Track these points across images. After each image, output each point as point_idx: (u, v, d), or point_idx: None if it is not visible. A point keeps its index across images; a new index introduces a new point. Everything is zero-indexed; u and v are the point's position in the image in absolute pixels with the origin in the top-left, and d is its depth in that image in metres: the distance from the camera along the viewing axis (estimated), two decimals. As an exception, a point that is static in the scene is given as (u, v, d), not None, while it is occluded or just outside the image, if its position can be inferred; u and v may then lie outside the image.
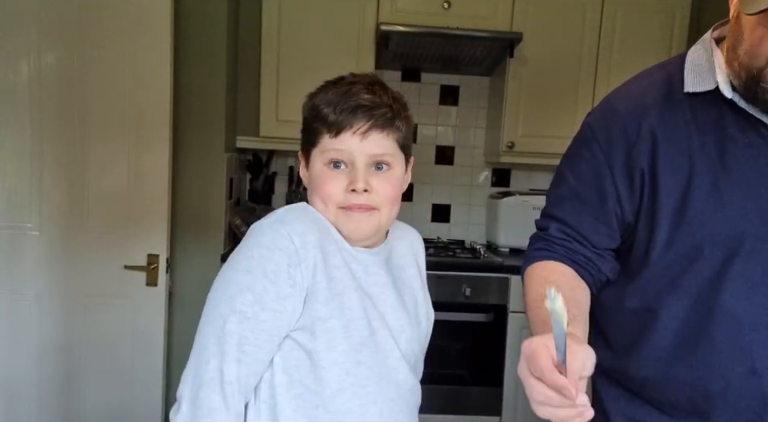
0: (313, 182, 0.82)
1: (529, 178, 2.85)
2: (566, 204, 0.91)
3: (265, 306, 0.73)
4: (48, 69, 1.87)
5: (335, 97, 0.80)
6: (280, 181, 2.74)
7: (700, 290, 0.81)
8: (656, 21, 2.46)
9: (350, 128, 0.78)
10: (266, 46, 2.38)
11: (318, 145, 0.81)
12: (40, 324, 1.95)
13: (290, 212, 0.80)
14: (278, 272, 0.73)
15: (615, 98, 0.91)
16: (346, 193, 0.79)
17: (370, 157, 0.80)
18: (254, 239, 0.76)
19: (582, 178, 0.89)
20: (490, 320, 2.29)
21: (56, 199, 1.91)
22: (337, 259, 0.79)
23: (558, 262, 0.89)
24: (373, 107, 0.79)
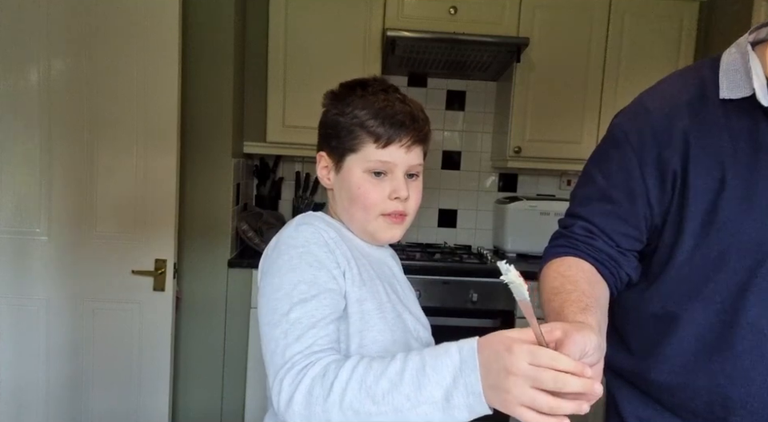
0: (350, 189, 0.85)
1: (536, 183, 2.84)
2: (594, 204, 0.89)
3: (320, 284, 0.75)
4: (57, 76, 1.89)
5: (379, 108, 0.83)
6: (287, 187, 2.75)
7: (723, 298, 0.80)
8: (663, 26, 2.45)
9: (398, 141, 0.82)
10: (273, 52, 2.39)
11: (360, 152, 0.83)
12: (48, 329, 1.96)
13: (305, 217, 0.84)
14: (320, 260, 0.77)
15: (647, 99, 0.89)
16: (388, 200, 0.84)
17: (409, 168, 0.85)
18: (287, 243, 0.79)
19: (611, 179, 0.88)
20: (497, 327, 2.27)
21: (64, 204, 1.93)
22: (355, 252, 0.84)
23: (578, 258, 0.88)
24: (414, 120, 0.84)
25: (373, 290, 0.82)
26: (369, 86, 0.86)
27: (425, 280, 2.22)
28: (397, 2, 2.39)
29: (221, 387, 2.28)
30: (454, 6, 2.40)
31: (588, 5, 2.43)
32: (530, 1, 2.41)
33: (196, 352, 2.26)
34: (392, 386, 0.63)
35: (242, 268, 2.26)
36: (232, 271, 2.26)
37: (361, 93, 0.85)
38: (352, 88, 0.86)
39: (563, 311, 0.74)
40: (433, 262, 2.35)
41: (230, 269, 2.26)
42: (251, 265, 2.26)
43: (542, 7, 2.42)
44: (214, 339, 2.25)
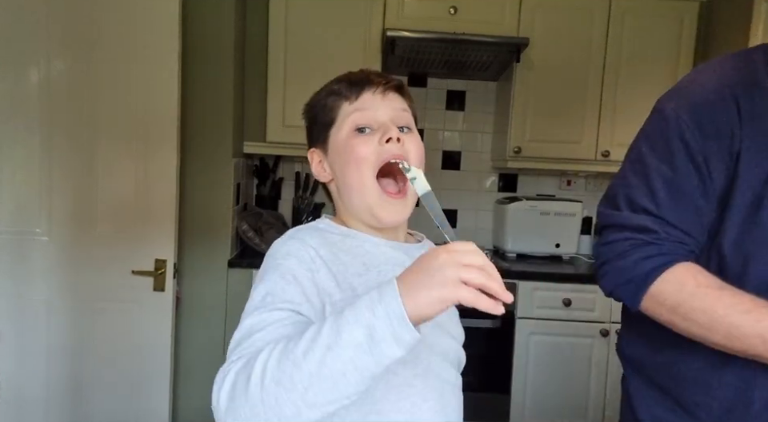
0: (341, 155, 0.79)
1: (536, 183, 2.84)
2: (660, 194, 0.82)
3: (285, 299, 0.70)
4: (57, 77, 1.89)
5: (342, 77, 0.83)
6: (287, 187, 2.75)
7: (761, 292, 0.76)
8: (664, 25, 2.45)
9: (369, 89, 0.80)
10: (273, 52, 2.39)
11: (338, 118, 0.81)
12: (48, 329, 1.96)
13: (300, 231, 0.80)
14: (295, 275, 0.72)
15: (698, 79, 0.85)
16: (380, 146, 0.76)
17: (393, 112, 0.80)
18: (271, 255, 0.77)
19: (674, 164, 0.81)
20: (497, 327, 2.28)
21: (65, 205, 1.93)
22: (357, 267, 0.77)
23: (686, 263, 0.80)
24: (382, 76, 0.82)
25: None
26: (342, 76, 0.86)
27: (425, 281, 2.22)
28: (397, 2, 2.39)
29: (221, 387, 2.27)
30: (454, 6, 2.40)
31: (588, 6, 2.43)
32: (530, 2, 2.41)
33: (196, 352, 2.26)
34: (311, 342, 0.57)
35: (242, 268, 2.26)
36: (232, 271, 2.26)
37: (334, 80, 0.85)
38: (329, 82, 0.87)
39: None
40: (433, 262, 2.34)
41: (230, 269, 2.26)
42: (251, 265, 2.26)
43: (542, 7, 2.42)
44: (214, 339, 2.25)
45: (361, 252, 0.79)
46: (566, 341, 2.30)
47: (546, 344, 2.31)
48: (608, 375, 2.32)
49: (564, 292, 2.29)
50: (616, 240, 0.85)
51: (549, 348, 2.31)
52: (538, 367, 2.31)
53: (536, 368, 2.31)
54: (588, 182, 2.84)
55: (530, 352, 2.31)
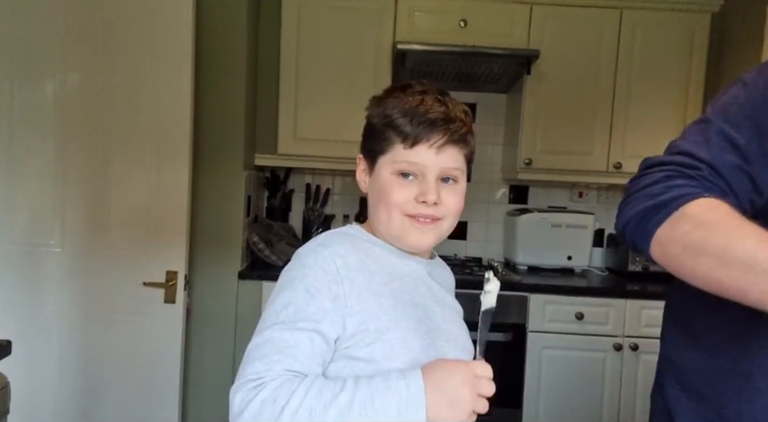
0: (378, 190, 0.81)
1: (547, 195, 2.82)
2: (718, 150, 0.76)
3: (306, 316, 0.73)
4: (72, 90, 1.92)
5: (409, 107, 0.79)
6: (297, 198, 2.76)
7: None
8: (675, 37, 2.44)
9: (426, 141, 0.78)
10: (285, 65, 2.41)
11: (389, 153, 0.80)
12: (60, 340, 1.97)
13: (331, 237, 0.81)
14: (318, 288, 0.74)
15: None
16: (415, 202, 0.79)
17: (441, 171, 0.80)
18: (299, 261, 0.78)
19: (741, 130, 0.76)
20: (508, 340, 2.26)
21: (78, 216, 1.95)
22: (382, 276, 0.79)
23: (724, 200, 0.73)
24: (448, 121, 0.79)
25: (398, 318, 0.77)
26: (409, 88, 0.82)
27: (435, 293, 2.20)
28: (407, 15, 2.41)
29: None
30: (464, 19, 2.41)
31: (598, 17, 2.43)
32: (540, 14, 2.42)
33: (206, 364, 2.25)
34: (340, 416, 0.66)
35: (253, 280, 2.26)
36: (242, 283, 2.26)
37: (398, 95, 0.81)
38: (392, 90, 0.84)
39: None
40: (443, 274, 2.33)
41: (241, 281, 2.26)
42: (261, 277, 2.26)
43: (552, 19, 2.42)
44: (224, 351, 2.25)
45: (387, 261, 0.82)
46: (578, 355, 2.27)
47: (559, 358, 2.27)
48: (621, 390, 2.28)
49: (576, 306, 2.27)
50: (654, 171, 0.78)
51: (561, 362, 2.27)
52: (550, 381, 2.28)
53: (548, 382, 2.28)
54: (600, 194, 2.81)
55: (542, 367, 2.27)
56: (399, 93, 0.82)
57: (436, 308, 0.85)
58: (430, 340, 0.80)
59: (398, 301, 0.79)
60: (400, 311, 0.78)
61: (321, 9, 2.39)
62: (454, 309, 0.92)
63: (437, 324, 0.83)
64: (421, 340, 0.78)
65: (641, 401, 2.25)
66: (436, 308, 0.85)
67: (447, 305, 0.89)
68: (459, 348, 0.86)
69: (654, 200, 0.74)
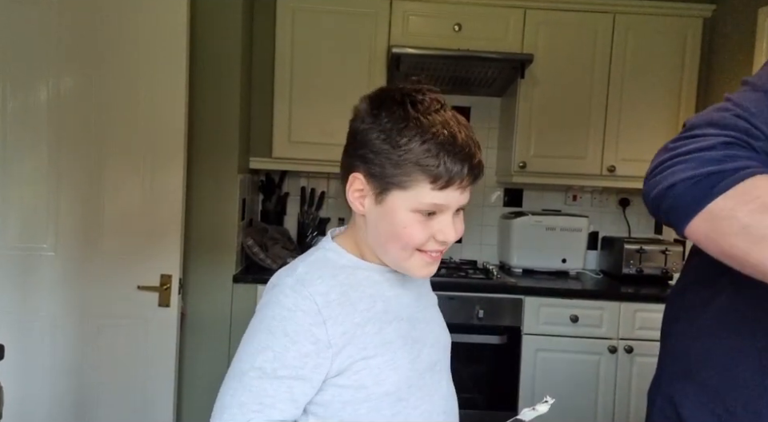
0: (390, 225, 0.75)
1: (541, 198, 2.83)
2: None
3: (285, 363, 0.72)
4: (65, 93, 1.91)
5: (440, 142, 0.70)
6: (292, 202, 2.75)
7: None
8: (667, 42, 2.46)
9: (458, 183, 0.72)
10: (280, 68, 2.42)
11: (411, 191, 0.72)
12: (53, 344, 1.96)
13: (311, 271, 0.77)
14: (298, 332, 0.72)
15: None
16: (432, 240, 0.75)
17: (460, 206, 0.77)
18: (276, 299, 0.75)
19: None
20: (503, 343, 2.26)
21: (71, 220, 1.94)
22: (365, 302, 0.77)
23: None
24: (472, 156, 0.73)
25: (384, 341, 0.77)
26: (419, 104, 0.73)
27: (430, 296, 2.21)
28: (402, 19, 2.42)
29: (225, 403, 2.26)
30: (458, 23, 2.42)
31: (592, 22, 2.45)
32: (533, 18, 2.43)
33: (201, 368, 2.25)
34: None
35: (247, 284, 2.25)
36: (237, 286, 2.26)
37: (414, 116, 0.71)
38: (401, 104, 0.73)
39: None
40: (438, 277, 2.34)
41: (235, 285, 2.26)
42: (256, 281, 2.25)
43: (545, 24, 2.44)
44: (219, 355, 2.24)
45: (368, 282, 0.79)
46: (573, 358, 2.28)
47: (553, 361, 2.28)
48: (616, 392, 2.28)
49: (571, 308, 2.27)
50: (707, 133, 0.67)
51: (556, 364, 2.28)
52: (545, 384, 2.28)
53: (543, 384, 2.28)
54: (594, 197, 2.83)
55: (537, 369, 2.28)
56: (414, 111, 0.72)
57: (418, 315, 0.84)
58: (416, 351, 0.80)
59: (383, 323, 0.77)
60: (386, 333, 0.77)
61: (315, 13, 2.39)
62: (430, 302, 0.91)
63: (421, 330, 0.83)
64: (408, 355, 0.78)
65: (635, 403, 2.26)
66: (418, 315, 0.84)
67: (425, 301, 0.89)
68: (441, 348, 0.87)
69: (713, 166, 0.63)
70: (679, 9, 2.45)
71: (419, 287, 0.88)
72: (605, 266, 2.74)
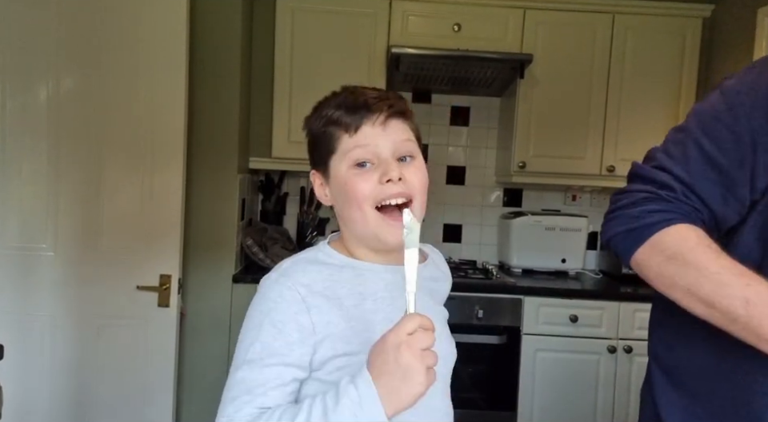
0: (341, 191, 0.79)
1: (540, 198, 2.84)
2: (695, 165, 0.79)
3: (272, 351, 0.73)
4: (65, 94, 1.91)
5: (341, 100, 0.79)
6: (292, 202, 2.75)
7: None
8: (667, 41, 2.46)
9: (368, 120, 0.76)
10: (279, 68, 2.42)
11: (338, 149, 0.78)
12: (53, 345, 1.96)
13: (295, 265, 0.79)
14: (284, 321, 0.74)
15: (763, 64, 0.83)
16: (381, 185, 0.76)
17: (394, 146, 0.77)
18: (262, 294, 0.77)
19: (719, 143, 0.79)
20: (502, 343, 2.26)
21: (71, 220, 1.94)
22: (353, 299, 0.77)
23: (694, 225, 0.78)
24: (382, 99, 0.78)
25: (371, 338, 0.73)
26: (337, 92, 0.82)
27: (430, 296, 2.20)
28: (401, 19, 2.42)
29: (224, 404, 2.26)
30: (457, 23, 2.42)
31: (591, 22, 2.45)
32: (533, 18, 2.43)
33: (200, 368, 2.25)
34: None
35: (247, 284, 2.25)
36: (236, 286, 2.26)
37: (332, 98, 0.81)
38: (325, 98, 0.83)
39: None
40: (438, 277, 2.34)
41: (235, 285, 2.26)
42: (256, 281, 2.22)
43: (545, 24, 2.44)
44: (218, 355, 2.24)
45: (359, 281, 0.79)
46: (572, 358, 2.28)
47: (553, 361, 2.28)
48: (615, 392, 2.29)
49: (570, 308, 2.28)
50: (634, 190, 0.84)
51: (555, 364, 2.28)
52: (545, 384, 2.28)
53: (542, 385, 2.28)
54: (593, 197, 2.83)
55: (537, 369, 2.28)
56: (331, 96, 0.82)
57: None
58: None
59: (370, 322, 0.77)
60: (373, 331, 0.75)
61: (315, 14, 2.40)
62: (439, 316, 0.89)
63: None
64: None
65: (634, 403, 2.26)
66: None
67: (431, 313, 0.86)
68: (441, 363, 0.82)
69: (632, 223, 0.81)
70: (678, 9, 2.45)
71: (427, 298, 0.86)
72: (604, 266, 2.74)
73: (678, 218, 0.78)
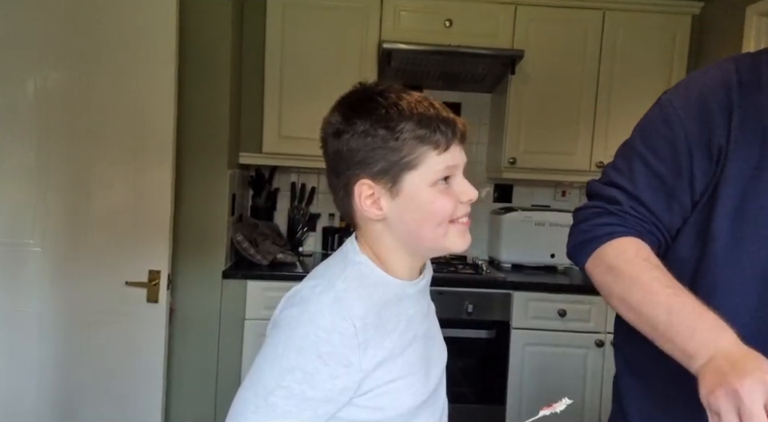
0: (418, 208, 0.74)
1: (531, 194, 2.85)
2: (640, 177, 0.86)
3: (314, 385, 0.69)
4: (53, 88, 1.89)
5: (421, 112, 0.74)
6: (282, 197, 2.75)
7: (750, 295, 0.79)
8: (656, 38, 2.48)
9: (456, 140, 0.75)
10: (270, 63, 2.40)
11: (422, 165, 0.73)
12: (41, 341, 1.94)
13: (349, 289, 0.73)
14: (332, 354, 0.69)
15: (699, 77, 0.89)
16: (459, 204, 0.76)
17: (464, 162, 0.78)
18: (311, 317, 0.71)
19: (657, 152, 0.85)
20: (492, 337, 2.28)
21: (59, 216, 1.92)
22: (392, 322, 0.76)
23: (636, 238, 0.84)
24: (453, 116, 0.77)
25: (405, 363, 0.76)
26: (388, 94, 0.75)
27: (420, 291, 2.21)
28: (393, 15, 2.41)
29: (214, 399, 2.25)
30: (449, 19, 2.42)
31: (582, 19, 2.46)
32: (524, 14, 2.44)
33: (189, 364, 2.24)
34: None
35: (237, 280, 2.25)
36: (226, 282, 2.25)
37: (392, 103, 0.74)
38: (372, 101, 0.74)
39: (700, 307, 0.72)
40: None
41: (225, 280, 2.25)
42: (246, 276, 2.25)
43: (536, 20, 2.45)
44: (208, 351, 2.24)
45: (394, 301, 0.77)
46: (561, 352, 2.30)
47: (541, 355, 2.30)
48: (603, 385, 2.31)
49: (559, 303, 2.29)
50: (588, 206, 0.91)
51: (544, 358, 2.30)
52: (533, 378, 2.30)
53: (531, 378, 2.30)
54: (583, 193, 2.84)
55: (525, 363, 2.30)
56: (384, 100, 0.74)
57: (429, 331, 0.85)
58: (429, 371, 0.80)
59: (406, 344, 0.77)
60: (408, 354, 0.77)
61: (306, 8, 2.38)
62: (430, 307, 0.91)
63: (431, 347, 0.83)
64: (423, 376, 0.79)
65: (622, 397, 2.29)
66: (429, 331, 0.85)
67: (432, 314, 0.89)
68: (443, 363, 0.87)
69: (583, 236, 0.88)
70: (668, 6, 2.47)
71: (428, 299, 0.88)
72: (593, 261, 2.76)
73: (623, 231, 0.84)
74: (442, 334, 0.92)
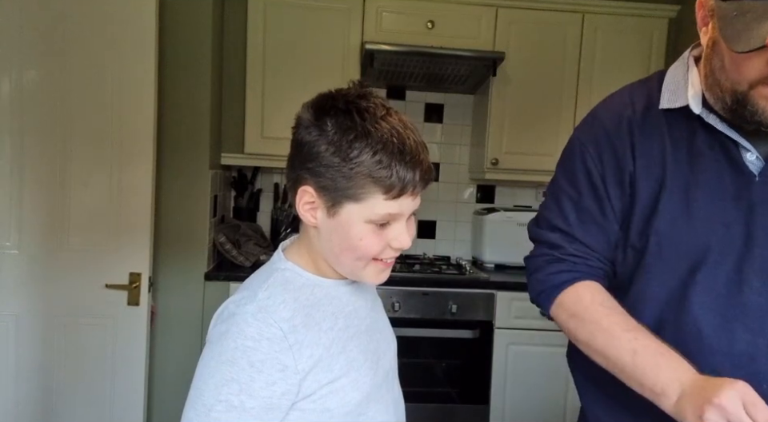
0: (344, 237, 0.73)
1: (513, 195, 2.87)
2: (571, 215, 0.92)
3: (252, 394, 0.69)
4: (29, 86, 1.85)
5: (389, 152, 0.69)
6: (265, 198, 2.73)
7: (669, 298, 0.85)
8: (634, 41, 2.52)
9: (411, 190, 0.72)
10: (252, 63, 2.39)
11: (364, 202, 0.71)
12: (18, 345, 1.90)
13: (272, 295, 0.73)
14: (264, 361, 0.69)
15: (600, 111, 0.96)
16: (388, 248, 0.75)
17: (413, 211, 0.77)
18: (237, 328, 0.71)
19: (579, 188, 0.92)
20: (476, 337, 2.29)
21: (36, 217, 1.88)
22: (328, 321, 0.76)
23: (591, 281, 0.89)
24: (422, 162, 0.72)
25: (348, 359, 0.76)
26: (365, 111, 0.70)
27: (404, 292, 2.22)
28: (375, 16, 2.41)
29: (197, 402, 2.23)
30: (431, 20, 2.43)
31: (562, 21, 2.49)
32: (505, 17, 2.46)
33: (171, 367, 2.21)
34: None
35: (219, 281, 2.23)
36: (209, 284, 2.23)
37: (362, 125, 0.69)
38: (346, 112, 0.71)
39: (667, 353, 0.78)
40: (412, 273, 2.35)
41: (207, 282, 2.23)
42: (228, 278, 2.23)
43: (517, 22, 2.47)
44: (190, 354, 2.21)
45: (327, 300, 0.78)
46: (544, 351, 2.32)
47: (525, 354, 2.32)
48: (585, 384, 2.33)
49: (541, 303, 2.31)
50: (535, 255, 0.97)
51: (527, 358, 2.32)
52: (517, 377, 2.32)
53: (515, 378, 2.32)
54: (564, 193, 2.88)
55: (509, 363, 2.32)
56: (361, 120, 0.70)
57: (374, 325, 0.85)
58: (375, 364, 0.81)
59: (345, 340, 0.77)
60: (349, 350, 0.77)
61: (288, 8, 2.37)
62: (380, 306, 0.91)
63: (377, 340, 0.83)
64: (369, 370, 0.79)
65: (603, 395, 2.32)
66: (374, 325, 0.85)
67: (377, 307, 0.89)
68: (392, 355, 0.88)
69: (540, 286, 0.93)
70: (645, 9, 2.51)
71: (372, 293, 0.89)
72: (574, 261, 2.80)
73: (574, 277, 0.89)
74: (427, 334, 0.93)
